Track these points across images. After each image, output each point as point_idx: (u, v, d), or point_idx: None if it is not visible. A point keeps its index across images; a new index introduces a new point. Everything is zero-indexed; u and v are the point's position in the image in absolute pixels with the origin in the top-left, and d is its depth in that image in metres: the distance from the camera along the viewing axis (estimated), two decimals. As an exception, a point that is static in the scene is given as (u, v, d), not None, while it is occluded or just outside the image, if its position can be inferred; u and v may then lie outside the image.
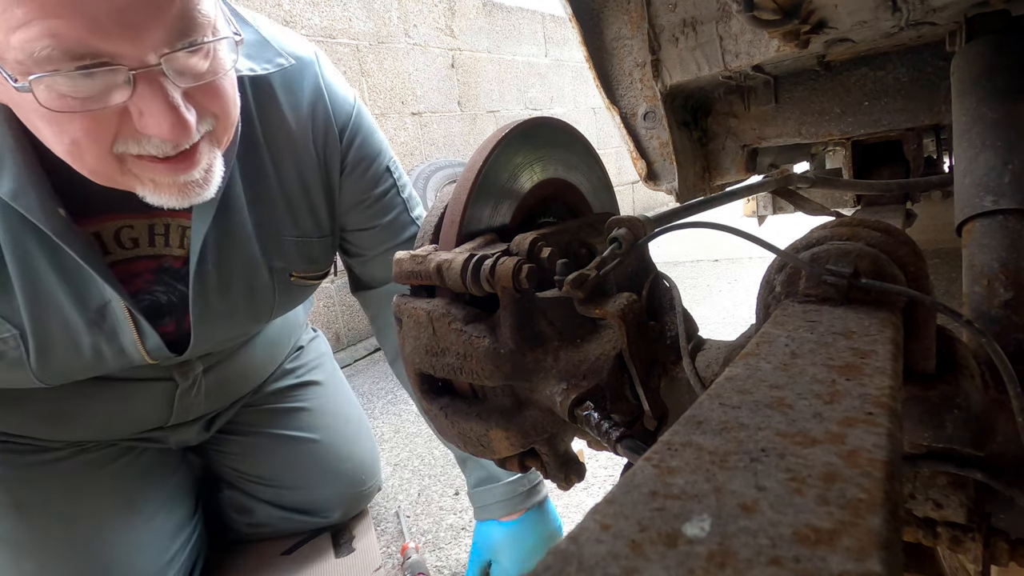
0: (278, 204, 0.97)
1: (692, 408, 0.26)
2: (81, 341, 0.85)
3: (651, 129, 1.49)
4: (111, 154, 0.68)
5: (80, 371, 0.90)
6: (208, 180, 0.76)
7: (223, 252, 0.92)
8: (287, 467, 1.29)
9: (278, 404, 1.31)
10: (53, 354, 0.85)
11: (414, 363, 0.56)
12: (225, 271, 0.93)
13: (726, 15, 1.27)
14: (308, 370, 1.37)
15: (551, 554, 0.17)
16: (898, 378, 0.29)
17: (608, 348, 0.51)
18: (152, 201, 0.74)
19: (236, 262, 0.94)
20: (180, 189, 0.74)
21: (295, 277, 1.03)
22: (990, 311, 0.56)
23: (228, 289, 0.95)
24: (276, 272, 1.00)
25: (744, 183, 1.24)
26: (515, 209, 0.60)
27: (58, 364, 0.86)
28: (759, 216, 2.32)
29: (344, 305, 3.00)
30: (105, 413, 1.04)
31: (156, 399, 1.06)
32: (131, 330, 0.88)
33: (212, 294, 0.93)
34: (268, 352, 1.25)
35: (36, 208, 0.74)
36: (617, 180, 5.21)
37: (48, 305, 0.81)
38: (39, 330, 0.82)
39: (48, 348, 0.84)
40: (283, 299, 1.04)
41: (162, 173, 0.72)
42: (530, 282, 0.48)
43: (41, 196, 0.74)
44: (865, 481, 0.20)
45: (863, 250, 0.41)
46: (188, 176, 0.73)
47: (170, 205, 0.75)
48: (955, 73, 0.82)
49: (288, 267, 1.01)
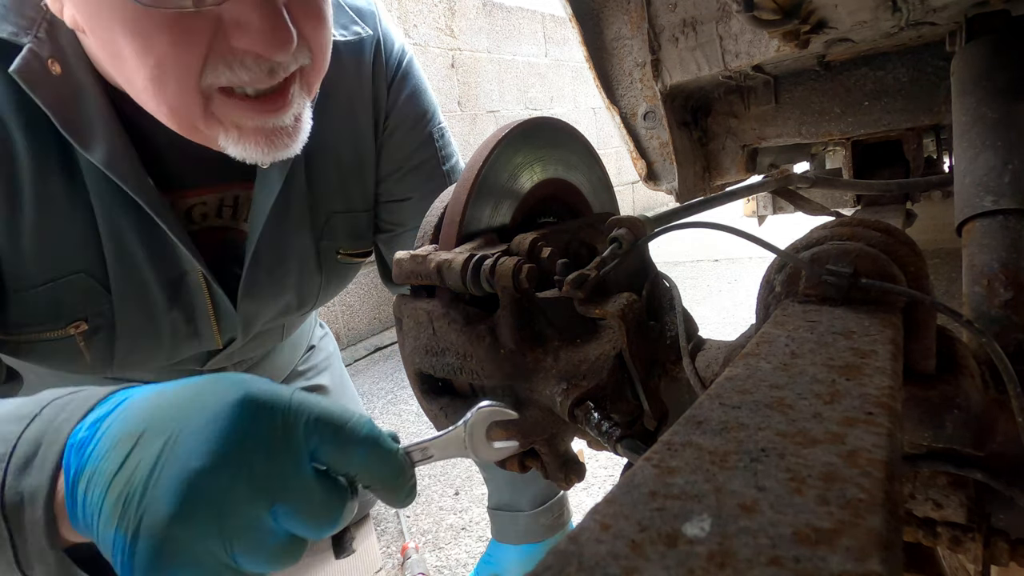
0: (332, 178, 0.91)
1: (692, 408, 0.26)
2: (161, 320, 0.81)
3: (651, 129, 1.49)
4: (197, 88, 0.62)
5: (152, 357, 0.85)
6: (296, 131, 0.69)
7: (280, 228, 0.86)
8: None
9: None
10: (135, 334, 0.80)
11: (414, 363, 0.56)
12: (278, 249, 0.88)
13: (726, 15, 1.27)
14: (317, 372, 1.35)
15: (551, 554, 0.17)
16: (898, 378, 0.29)
17: (608, 348, 0.51)
18: (234, 153, 0.67)
19: (290, 240, 0.89)
20: (267, 137, 0.66)
21: (342, 255, 0.97)
22: (990, 311, 0.56)
23: (280, 268, 0.89)
24: (323, 252, 0.94)
25: (744, 183, 1.24)
26: (515, 209, 0.60)
27: (136, 347, 0.81)
28: (759, 216, 2.32)
29: (344, 305, 3.00)
30: None
31: None
32: (207, 304, 0.83)
33: (263, 274, 0.88)
34: (290, 355, 1.24)
35: (129, 177, 0.69)
36: (617, 180, 5.21)
37: (132, 279, 0.77)
38: (124, 306, 0.77)
39: (131, 326, 0.79)
40: (329, 281, 0.98)
41: (249, 115, 0.65)
42: (530, 282, 0.48)
43: (133, 164, 0.70)
44: (865, 481, 0.20)
45: (863, 250, 0.41)
46: (277, 121, 0.66)
47: (253, 158, 0.68)
48: (955, 73, 0.82)
49: (335, 245, 0.95)
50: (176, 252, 0.78)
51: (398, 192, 0.98)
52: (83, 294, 0.75)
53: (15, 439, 0.40)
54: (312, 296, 0.98)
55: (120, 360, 0.82)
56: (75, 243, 0.73)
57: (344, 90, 0.88)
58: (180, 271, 0.80)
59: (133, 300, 0.78)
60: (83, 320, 0.76)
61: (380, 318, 3.22)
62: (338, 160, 0.91)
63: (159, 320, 0.81)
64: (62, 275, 0.73)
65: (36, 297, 0.72)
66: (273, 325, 1.00)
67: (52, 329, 0.75)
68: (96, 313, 0.77)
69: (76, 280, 0.74)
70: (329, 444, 0.41)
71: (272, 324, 0.99)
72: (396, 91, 0.94)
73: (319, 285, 0.97)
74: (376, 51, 0.92)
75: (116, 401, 0.42)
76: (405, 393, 2.24)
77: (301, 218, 0.89)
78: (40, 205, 0.69)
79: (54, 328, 0.75)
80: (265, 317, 0.94)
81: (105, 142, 0.68)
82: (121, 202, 0.72)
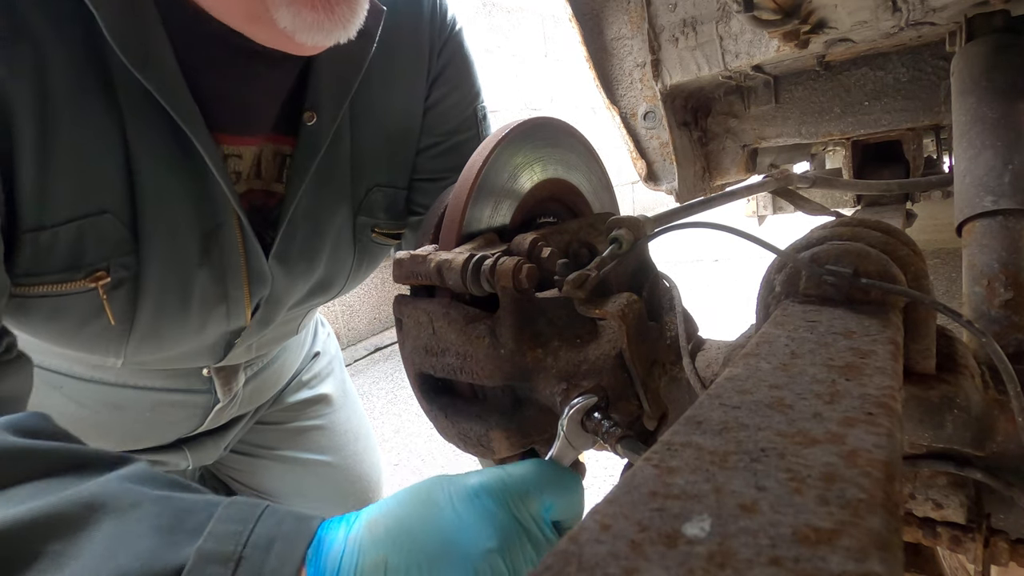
0: (379, 147, 0.84)
1: (692, 408, 0.26)
2: (191, 277, 0.72)
3: (651, 129, 1.49)
4: None
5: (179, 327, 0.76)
6: (353, 10, 0.61)
7: (319, 194, 0.78)
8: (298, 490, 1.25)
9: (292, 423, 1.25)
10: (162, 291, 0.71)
11: (414, 363, 0.56)
12: (315, 216, 0.80)
13: (726, 15, 1.27)
14: (321, 380, 1.30)
15: (551, 554, 0.17)
16: (898, 378, 0.29)
17: (608, 348, 0.51)
18: (286, 24, 0.60)
19: (328, 209, 0.81)
20: (324, 6, 0.59)
21: (377, 233, 0.89)
22: (990, 311, 0.56)
23: (315, 238, 0.82)
24: (359, 228, 0.86)
25: (744, 183, 1.24)
26: (515, 209, 0.60)
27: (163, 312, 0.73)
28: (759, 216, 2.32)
29: (344, 305, 3.00)
30: (136, 422, 0.93)
31: (192, 410, 0.97)
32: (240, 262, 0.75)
33: (298, 242, 0.80)
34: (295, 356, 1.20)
35: (181, 105, 0.64)
36: (617, 180, 5.21)
37: (163, 225, 0.68)
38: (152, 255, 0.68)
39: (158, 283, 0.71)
40: (360, 263, 0.91)
41: None
42: (530, 282, 0.48)
43: (184, 93, 0.64)
44: (865, 481, 0.20)
45: (863, 250, 0.41)
46: None
47: (304, 36, 0.61)
48: (955, 73, 0.82)
49: (372, 221, 0.87)
50: (215, 197, 0.70)
51: (433, 170, 0.91)
52: (107, 239, 0.66)
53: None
54: (341, 278, 0.91)
55: (142, 329, 0.73)
56: (106, 178, 0.64)
57: (400, 51, 0.82)
58: (216, 222, 0.71)
59: (162, 250, 0.69)
60: (104, 271, 0.67)
61: (380, 318, 3.22)
62: (386, 128, 0.84)
63: (189, 277, 0.72)
64: (87, 213, 0.64)
65: (55, 239, 0.64)
66: (296, 313, 0.93)
67: (70, 280, 0.66)
68: (120, 264, 0.68)
69: (101, 221, 0.65)
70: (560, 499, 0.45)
71: (296, 311, 0.92)
72: (446, 58, 0.88)
73: (350, 266, 0.90)
74: (432, 12, 0.86)
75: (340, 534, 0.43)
76: (405, 393, 2.24)
77: (342, 186, 0.81)
78: (74, 128, 0.62)
79: (72, 279, 0.66)
80: (293, 297, 0.87)
81: (159, 67, 0.62)
82: (161, 136, 0.65)
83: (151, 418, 0.94)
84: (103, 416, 0.90)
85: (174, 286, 0.72)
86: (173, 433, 0.99)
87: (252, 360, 0.99)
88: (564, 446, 0.47)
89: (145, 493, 0.43)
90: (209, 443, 1.07)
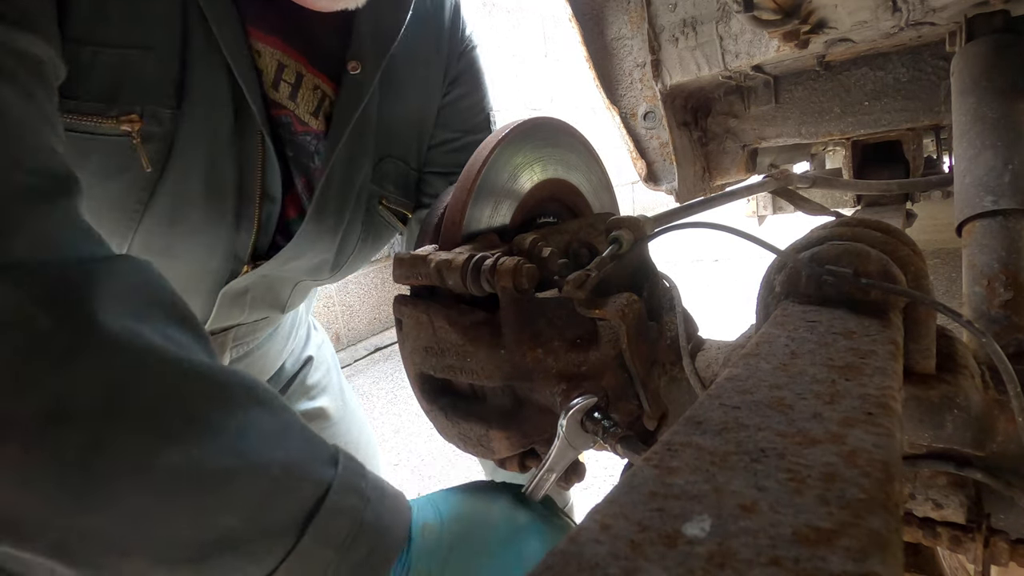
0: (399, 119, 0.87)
1: (692, 408, 0.26)
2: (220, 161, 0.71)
3: (651, 129, 1.49)
4: None
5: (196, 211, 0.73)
6: None
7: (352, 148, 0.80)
8: None
9: None
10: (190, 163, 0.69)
11: (414, 363, 0.56)
12: (349, 170, 0.80)
13: (726, 15, 1.27)
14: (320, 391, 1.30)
15: (552, 554, 0.17)
16: (898, 378, 0.29)
17: (608, 348, 0.51)
18: None
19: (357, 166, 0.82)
20: None
21: (384, 205, 0.90)
22: (990, 311, 0.56)
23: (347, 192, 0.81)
24: (370, 196, 0.87)
25: (744, 183, 1.24)
26: (515, 209, 0.60)
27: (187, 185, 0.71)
28: (759, 216, 2.32)
29: (344, 305, 3.00)
30: None
31: None
32: (258, 162, 0.74)
33: (333, 191, 0.80)
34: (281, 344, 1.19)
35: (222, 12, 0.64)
36: (617, 180, 5.21)
37: (205, 85, 0.68)
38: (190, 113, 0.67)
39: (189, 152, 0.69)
40: (365, 237, 0.91)
41: None
42: (530, 282, 0.48)
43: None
44: (865, 481, 0.20)
45: (863, 250, 0.41)
46: None
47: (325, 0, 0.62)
48: (955, 73, 0.82)
49: (381, 190, 0.88)
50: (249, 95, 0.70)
51: (445, 164, 0.94)
52: (147, 80, 0.64)
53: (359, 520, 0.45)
54: (346, 253, 0.91)
55: (158, 210, 0.70)
56: (160, 14, 0.63)
57: (423, 39, 0.85)
58: (247, 114, 0.71)
59: (199, 118, 0.68)
60: (138, 115, 0.65)
61: (380, 318, 3.22)
62: (406, 108, 0.87)
63: (216, 160, 0.71)
64: (133, 44, 0.62)
65: (95, 58, 0.61)
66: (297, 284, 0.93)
67: (103, 113, 0.64)
68: (154, 115, 0.66)
69: (146, 58, 0.63)
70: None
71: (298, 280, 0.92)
72: (465, 65, 0.92)
73: (357, 237, 0.90)
74: (455, 12, 0.90)
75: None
76: (405, 393, 2.24)
77: (368, 148, 0.82)
78: None
79: (105, 112, 0.64)
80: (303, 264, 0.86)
81: None
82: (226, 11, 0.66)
83: None
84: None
85: (201, 162, 0.69)
86: None
87: (240, 338, 0.97)
88: (563, 446, 0.48)
89: (282, 400, 0.48)
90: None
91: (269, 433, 0.44)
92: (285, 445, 0.44)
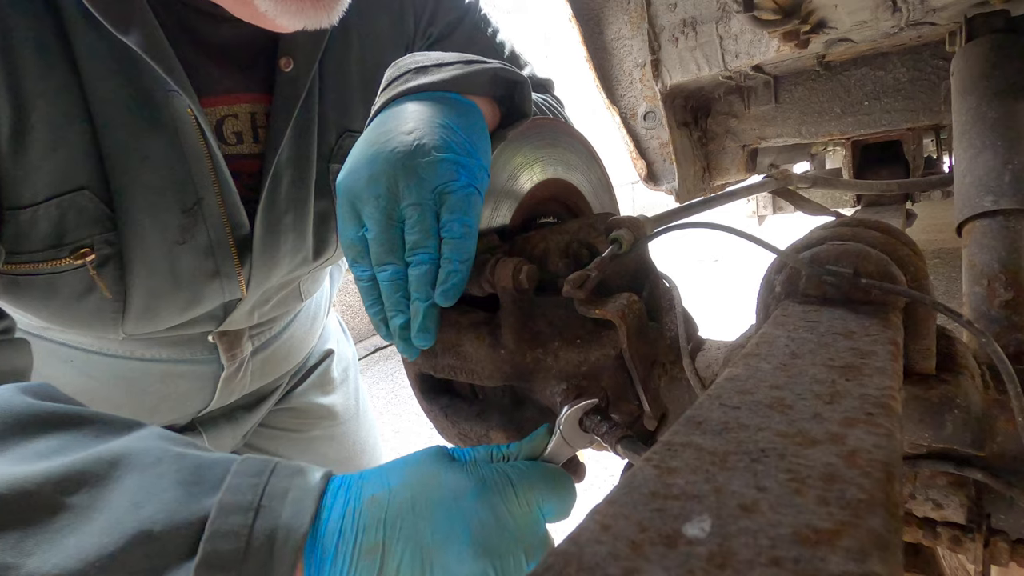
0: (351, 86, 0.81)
1: (692, 408, 0.26)
2: (177, 256, 0.72)
3: (651, 129, 1.49)
4: None
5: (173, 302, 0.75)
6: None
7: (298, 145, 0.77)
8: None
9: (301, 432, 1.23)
10: (148, 269, 0.70)
11: (414, 363, 0.56)
12: (298, 168, 0.78)
13: (726, 15, 1.27)
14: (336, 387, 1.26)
15: (552, 554, 0.17)
16: (898, 378, 0.29)
17: (608, 348, 0.51)
18: (268, 10, 0.59)
19: (307, 161, 0.79)
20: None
21: None
22: (990, 311, 0.56)
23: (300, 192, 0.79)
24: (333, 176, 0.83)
25: (744, 183, 1.24)
26: (515, 209, 0.60)
27: (153, 288, 0.72)
28: (759, 216, 2.32)
29: (344, 305, 3.00)
30: (144, 394, 0.93)
31: (200, 381, 0.95)
32: (227, 236, 0.73)
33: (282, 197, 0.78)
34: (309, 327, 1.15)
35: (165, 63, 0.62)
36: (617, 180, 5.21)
37: (139, 198, 0.68)
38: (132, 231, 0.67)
39: (143, 259, 0.69)
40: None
41: None
42: (530, 282, 0.48)
43: (167, 52, 0.63)
44: (865, 481, 0.20)
45: (863, 250, 0.41)
46: None
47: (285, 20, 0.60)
48: (955, 73, 0.82)
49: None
50: (192, 171, 0.69)
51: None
52: (87, 216, 0.66)
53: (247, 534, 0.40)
54: (330, 242, 0.89)
55: (137, 306, 0.72)
56: (79, 152, 0.64)
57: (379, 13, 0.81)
58: (196, 196, 0.70)
59: (142, 226, 0.68)
60: (88, 247, 0.67)
61: (380, 318, 3.22)
62: (363, 76, 0.81)
63: (173, 255, 0.71)
64: (65, 191, 0.64)
65: (35, 216, 0.64)
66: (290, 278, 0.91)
67: (54, 258, 0.66)
68: (103, 241, 0.67)
69: (80, 198, 0.65)
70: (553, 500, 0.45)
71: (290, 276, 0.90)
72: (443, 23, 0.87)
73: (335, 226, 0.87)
74: None
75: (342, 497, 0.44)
76: (405, 393, 2.24)
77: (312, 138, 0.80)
78: (46, 103, 0.62)
79: (57, 256, 0.66)
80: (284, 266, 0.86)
81: (141, 26, 0.61)
82: (128, 106, 0.65)
83: (162, 390, 0.93)
84: (115, 390, 0.90)
85: (160, 263, 0.71)
86: (186, 408, 0.98)
87: (258, 328, 0.97)
88: (560, 444, 0.47)
89: (166, 449, 0.45)
90: (226, 428, 1.06)
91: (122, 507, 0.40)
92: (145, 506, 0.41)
